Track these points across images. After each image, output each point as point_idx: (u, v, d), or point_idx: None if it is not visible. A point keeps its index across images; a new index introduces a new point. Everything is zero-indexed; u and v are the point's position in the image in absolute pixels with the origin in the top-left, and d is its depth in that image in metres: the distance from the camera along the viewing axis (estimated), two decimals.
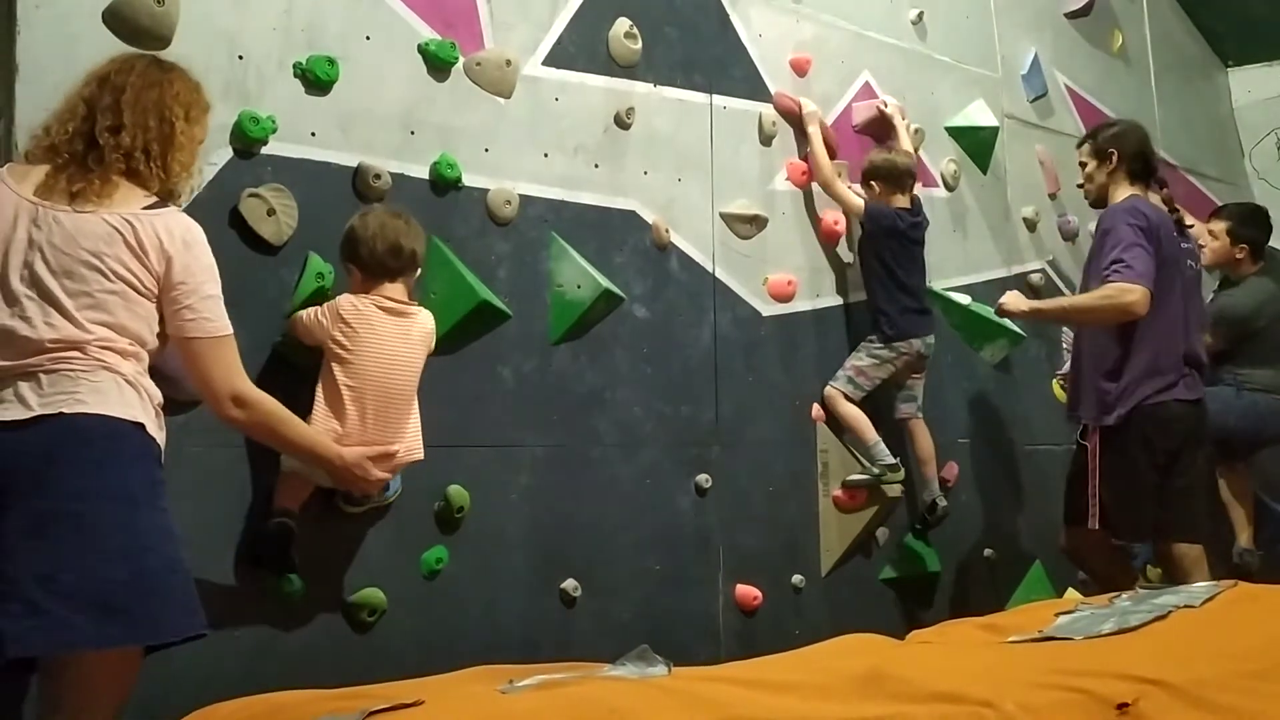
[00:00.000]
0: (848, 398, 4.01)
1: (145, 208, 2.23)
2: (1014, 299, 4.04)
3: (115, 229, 2.18)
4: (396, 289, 2.82)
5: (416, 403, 2.85)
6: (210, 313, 2.28)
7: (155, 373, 2.43)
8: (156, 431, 2.21)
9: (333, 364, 2.74)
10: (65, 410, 2.09)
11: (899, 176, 4.08)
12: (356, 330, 2.74)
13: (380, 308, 2.78)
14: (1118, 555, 4.02)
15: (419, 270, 2.90)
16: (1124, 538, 4.01)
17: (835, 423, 4.04)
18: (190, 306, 2.25)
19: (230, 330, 2.31)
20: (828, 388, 4.03)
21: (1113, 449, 3.73)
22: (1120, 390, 3.73)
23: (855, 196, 4.08)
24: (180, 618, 2.12)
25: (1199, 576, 3.64)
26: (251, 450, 2.74)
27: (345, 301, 2.77)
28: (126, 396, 2.15)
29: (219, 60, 2.76)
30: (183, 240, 2.25)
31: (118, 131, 2.23)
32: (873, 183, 4.09)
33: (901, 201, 4.08)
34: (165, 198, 2.29)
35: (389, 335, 2.78)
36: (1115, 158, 3.91)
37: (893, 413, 4.15)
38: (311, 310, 2.78)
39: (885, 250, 4.03)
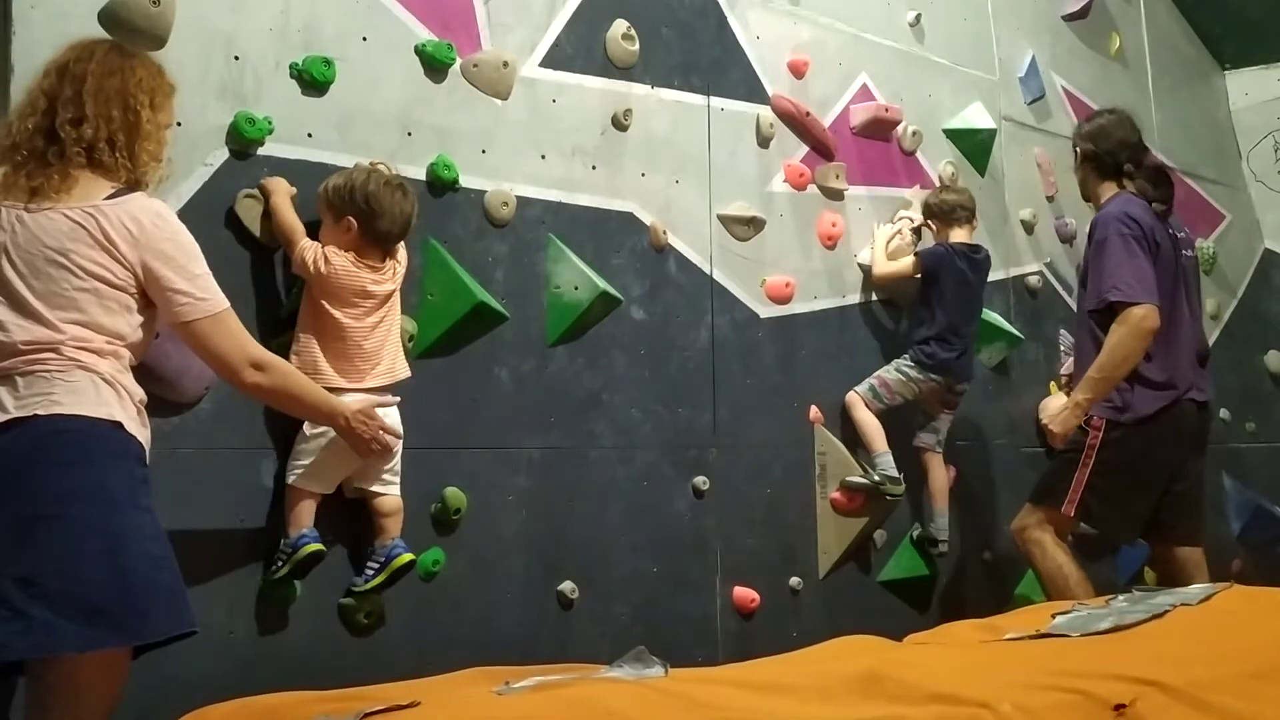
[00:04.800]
0: (867, 405, 4.03)
1: (108, 197, 2.18)
2: (1060, 421, 3.74)
3: (78, 223, 2.14)
4: (378, 253, 2.84)
5: (399, 321, 2.91)
6: (203, 291, 2.25)
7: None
8: (137, 430, 2.18)
9: (323, 301, 2.76)
10: (40, 412, 2.06)
11: (949, 211, 4.18)
12: (346, 285, 2.76)
13: (365, 269, 2.80)
14: (1072, 550, 3.91)
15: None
16: (1106, 532, 4.00)
17: (849, 426, 4.06)
18: (181, 290, 2.22)
19: (227, 303, 2.30)
20: (850, 392, 4.06)
21: (1120, 445, 3.69)
22: (1141, 394, 3.67)
23: (903, 264, 4.15)
24: (165, 617, 2.10)
25: (1200, 580, 3.63)
26: (244, 452, 2.73)
27: (336, 261, 2.75)
28: (104, 395, 2.12)
29: (215, 61, 2.76)
30: (153, 225, 2.20)
31: (79, 123, 2.19)
32: (929, 222, 4.22)
33: (960, 235, 4.15)
34: (131, 186, 2.23)
35: (375, 288, 2.82)
36: (1081, 156, 3.93)
37: (910, 438, 4.17)
38: (313, 254, 2.74)
39: (940, 289, 4.08)
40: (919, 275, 4.13)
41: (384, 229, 2.80)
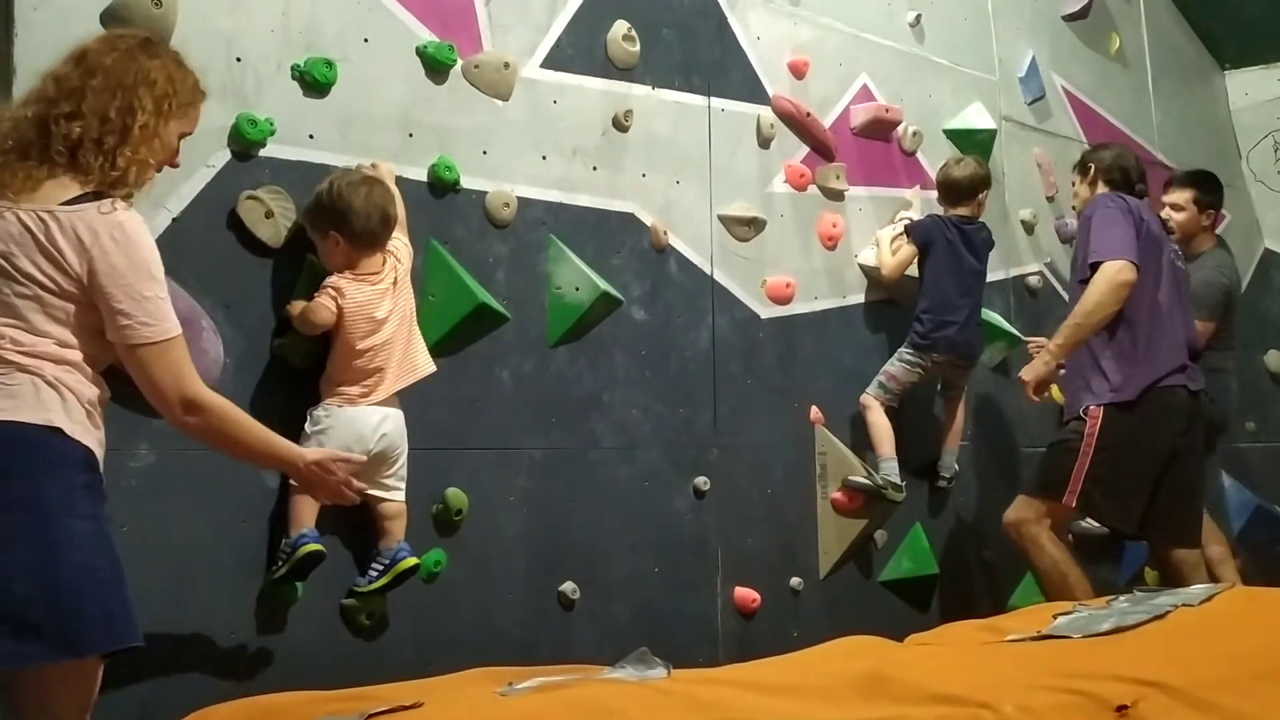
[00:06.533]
0: (879, 402, 4.05)
1: (67, 202, 2.03)
2: (1032, 371, 3.87)
3: (27, 228, 2.00)
4: (375, 260, 2.83)
5: (416, 323, 2.93)
6: (148, 316, 2.06)
7: None
8: (83, 435, 2.03)
9: (349, 336, 2.76)
10: None
11: (949, 188, 4.23)
12: (360, 309, 2.77)
13: (366, 283, 2.79)
14: (1068, 545, 3.94)
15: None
16: (1107, 521, 4.01)
17: (855, 427, 4.09)
18: (124, 312, 2.04)
19: (175, 332, 2.11)
20: (863, 394, 4.08)
21: (1117, 429, 3.72)
22: (1130, 371, 3.73)
23: (903, 250, 4.17)
24: (100, 632, 1.97)
25: (1198, 580, 3.64)
26: None
27: (349, 291, 2.75)
28: (44, 399, 2.00)
29: (217, 62, 2.75)
30: (110, 238, 2.02)
31: (73, 119, 2.05)
32: (938, 200, 4.29)
33: (960, 211, 4.20)
34: (101, 192, 2.06)
35: (382, 302, 2.81)
36: (1093, 170, 4.07)
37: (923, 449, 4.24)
38: (314, 302, 2.75)
39: (931, 259, 4.12)
40: (919, 251, 4.17)
41: (360, 226, 2.75)
